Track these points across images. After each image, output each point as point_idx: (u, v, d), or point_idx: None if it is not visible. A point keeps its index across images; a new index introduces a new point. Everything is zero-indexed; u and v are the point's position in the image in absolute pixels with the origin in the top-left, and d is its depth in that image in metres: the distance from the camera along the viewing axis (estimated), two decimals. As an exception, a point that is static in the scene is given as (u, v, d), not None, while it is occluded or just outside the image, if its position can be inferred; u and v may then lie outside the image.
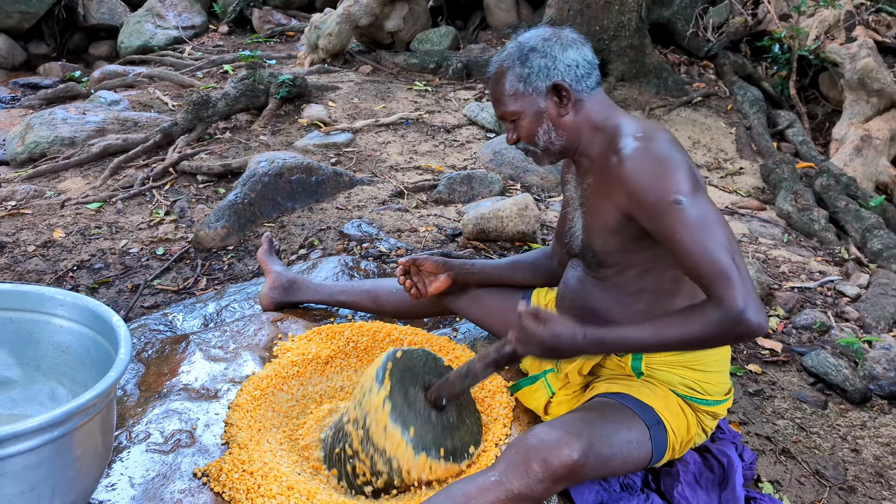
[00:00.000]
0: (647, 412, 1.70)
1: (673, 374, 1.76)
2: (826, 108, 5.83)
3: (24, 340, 1.65)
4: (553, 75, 1.68)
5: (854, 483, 2.25)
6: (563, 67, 1.69)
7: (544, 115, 1.71)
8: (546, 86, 1.69)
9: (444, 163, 4.52)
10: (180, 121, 4.59)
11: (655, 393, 1.73)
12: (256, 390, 1.96)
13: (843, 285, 3.48)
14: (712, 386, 1.77)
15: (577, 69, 1.70)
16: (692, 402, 1.76)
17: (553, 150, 1.75)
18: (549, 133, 1.72)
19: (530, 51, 1.70)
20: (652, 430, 1.68)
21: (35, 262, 3.24)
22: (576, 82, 1.70)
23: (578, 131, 1.73)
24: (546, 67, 1.68)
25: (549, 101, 1.71)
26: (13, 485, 1.26)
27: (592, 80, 1.72)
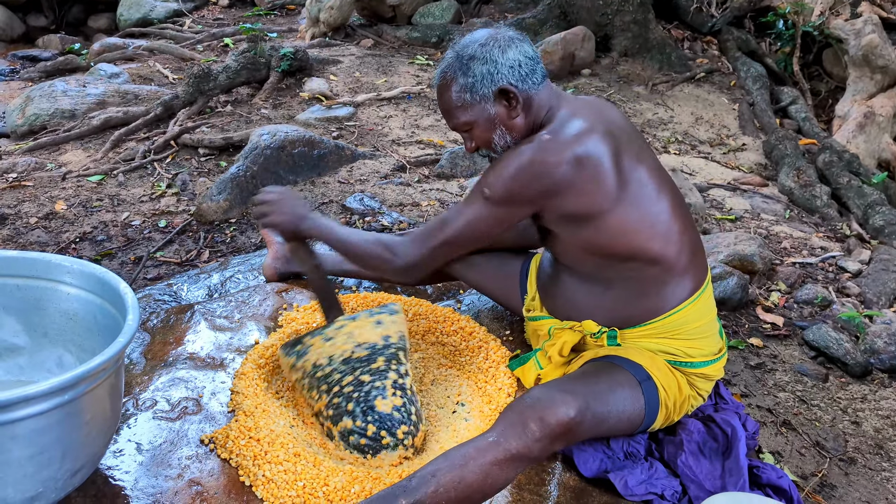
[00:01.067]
0: (635, 369, 1.72)
1: (651, 343, 1.78)
2: (829, 85, 5.80)
3: (32, 307, 1.65)
4: (497, 80, 1.68)
5: (854, 454, 2.27)
6: (506, 70, 1.68)
7: (496, 120, 1.71)
8: (492, 91, 1.68)
9: (446, 137, 4.50)
10: (181, 94, 4.57)
11: (643, 354, 1.76)
12: (262, 359, 1.97)
13: (844, 261, 3.49)
14: (696, 349, 1.79)
15: (520, 69, 1.69)
16: (677, 365, 1.78)
17: None
18: (504, 137, 1.73)
19: (470, 59, 1.69)
20: (643, 385, 1.70)
21: (37, 233, 3.23)
22: (521, 82, 1.69)
23: (530, 129, 1.73)
24: (489, 73, 1.67)
25: (498, 106, 1.70)
26: (23, 448, 1.27)
27: (538, 75, 1.72)
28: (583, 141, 1.63)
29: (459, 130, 1.77)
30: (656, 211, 1.70)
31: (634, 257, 1.71)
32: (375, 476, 1.62)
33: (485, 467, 1.45)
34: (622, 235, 1.68)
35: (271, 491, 1.58)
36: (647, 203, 1.69)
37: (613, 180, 1.65)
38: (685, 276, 1.76)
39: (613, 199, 1.65)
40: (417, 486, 1.43)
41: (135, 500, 1.52)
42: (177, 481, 1.57)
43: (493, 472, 1.45)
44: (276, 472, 1.61)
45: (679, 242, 1.73)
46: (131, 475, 1.57)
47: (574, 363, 1.86)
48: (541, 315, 1.99)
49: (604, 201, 1.65)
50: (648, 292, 1.75)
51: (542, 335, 1.96)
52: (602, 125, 1.68)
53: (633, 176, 1.68)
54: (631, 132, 1.78)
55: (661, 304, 1.76)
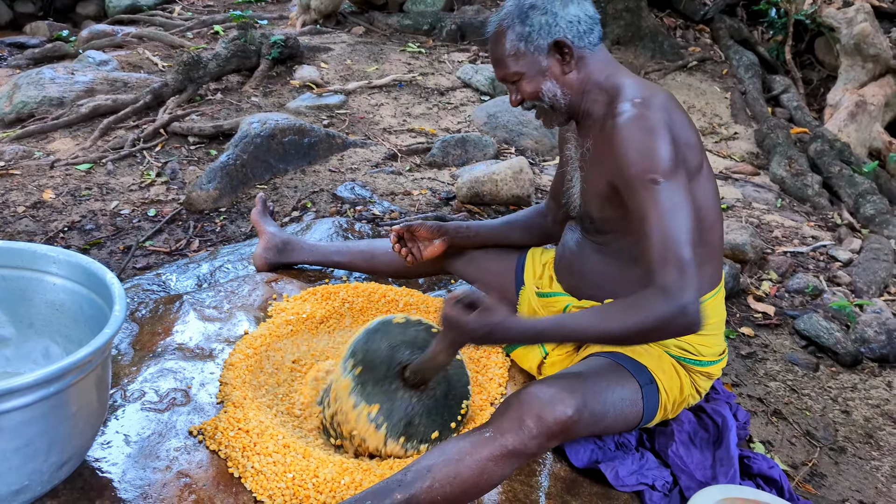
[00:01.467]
0: (640, 371, 1.70)
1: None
2: (821, 74, 5.80)
3: (17, 298, 1.63)
4: (554, 32, 1.64)
5: (844, 443, 2.27)
6: (565, 24, 1.64)
7: (547, 73, 1.67)
8: (548, 43, 1.64)
9: (437, 126, 4.48)
10: (171, 82, 4.52)
11: (649, 352, 1.73)
12: (250, 349, 1.96)
13: (835, 250, 3.50)
14: (706, 347, 1.78)
15: (578, 25, 1.65)
16: (686, 362, 1.77)
17: (560, 109, 1.72)
18: (555, 91, 1.68)
19: (530, 8, 1.65)
20: (644, 389, 1.68)
21: (25, 222, 3.20)
22: (578, 39, 1.65)
23: (583, 89, 1.69)
24: (547, 24, 1.64)
25: (551, 60, 1.66)
26: (9, 440, 1.25)
27: (594, 35, 1.68)
28: (671, 101, 1.63)
29: (507, 81, 1.71)
30: (713, 188, 1.69)
31: (696, 235, 1.67)
32: (366, 467, 1.62)
33: (480, 463, 1.44)
34: (699, 206, 1.63)
35: (260, 483, 1.57)
36: (713, 181, 1.69)
37: (699, 145, 1.63)
38: (715, 265, 1.75)
39: (700, 165, 1.64)
40: (413, 480, 1.42)
41: (122, 493, 1.50)
42: (165, 473, 1.56)
43: (488, 467, 1.44)
44: (265, 464, 1.60)
45: (718, 227, 1.73)
46: (119, 467, 1.56)
47: (581, 352, 1.84)
48: (554, 291, 1.95)
49: (698, 164, 1.63)
50: None
51: (555, 312, 1.91)
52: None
53: (704, 150, 1.68)
54: None
55: None
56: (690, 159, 1.61)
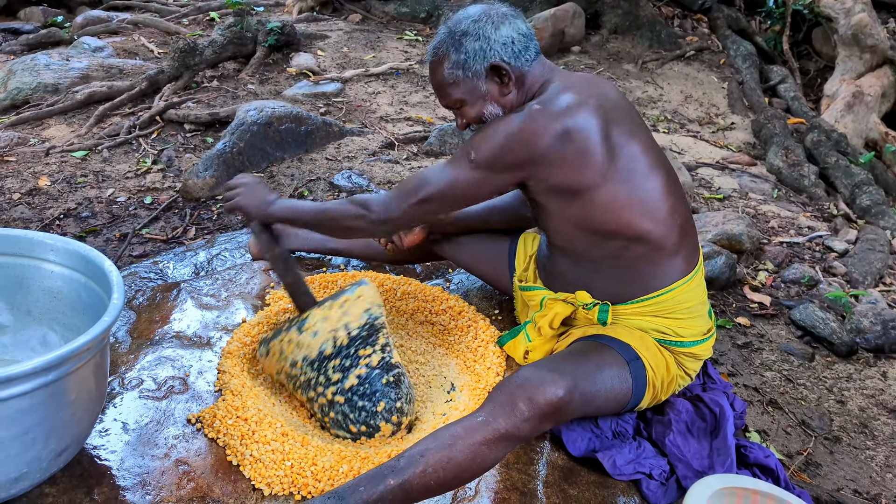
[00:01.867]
0: (624, 349, 1.72)
1: (642, 321, 1.77)
2: (818, 64, 5.80)
3: (15, 285, 1.62)
4: (490, 56, 1.67)
5: (839, 433, 2.29)
6: (499, 47, 1.67)
7: (487, 97, 1.71)
8: (484, 68, 1.68)
9: (434, 114, 4.47)
10: (166, 68, 4.50)
11: (631, 333, 1.76)
12: (248, 338, 1.95)
13: (831, 240, 3.50)
14: (686, 329, 1.79)
15: (513, 45, 1.68)
16: (666, 344, 1.78)
17: None
18: (496, 113, 1.72)
19: (462, 35, 1.68)
20: (631, 365, 1.70)
21: (20, 209, 3.19)
22: (514, 59, 1.68)
23: (524, 105, 1.71)
24: (482, 49, 1.66)
25: (490, 83, 1.70)
26: (7, 428, 1.25)
27: (531, 52, 1.71)
28: (572, 113, 1.62)
29: (451, 107, 1.76)
30: (647, 188, 1.69)
31: (623, 235, 1.70)
32: (364, 455, 1.62)
33: (473, 447, 1.45)
34: (611, 211, 1.67)
35: (259, 471, 1.57)
36: (637, 180, 1.68)
37: (602, 155, 1.63)
38: (677, 255, 1.75)
39: (602, 174, 1.64)
40: (406, 465, 1.43)
41: (121, 480, 1.50)
42: (163, 461, 1.56)
43: (481, 451, 1.45)
44: (263, 452, 1.60)
45: (670, 221, 1.72)
46: (117, 455, 1.56)
47: (563, 340, 1.85)
48: (534, 285, 1.98)
49: (592, 176, 1.64)
50: (640, 271, 1.75)
51: (534, 305, 1.95)
52: (594, 99, 1.66)
53: (623, 152, 1.66)
54: (625, 108, 1.76)
55: (653, 282, 1.75)
56: (567, 175, 1.63)
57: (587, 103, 1.64)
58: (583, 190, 1.65)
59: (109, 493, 1.47)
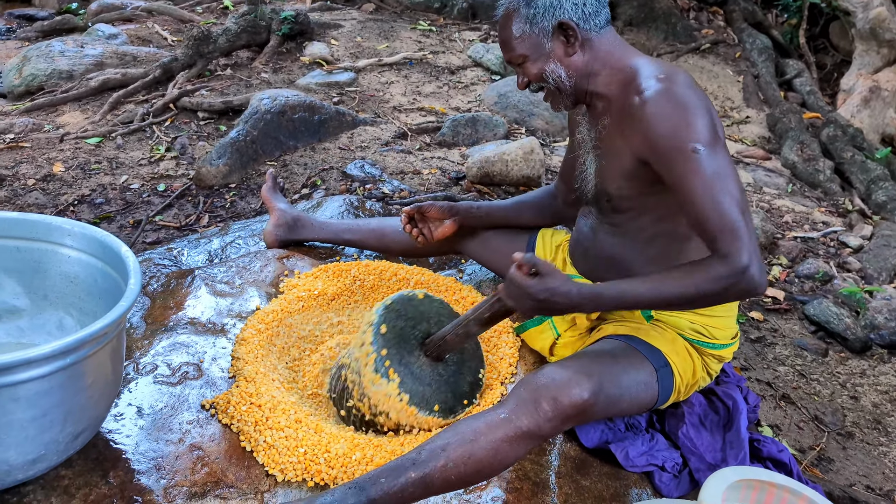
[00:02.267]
0: (654, 354, 1.70)
1: (682, 319, 1.76)
2: (835, 59, 5.75)
3: (32, 270, 1.63)
4: (559, 14, 1.63)
5: (852, 429, 2.28)
6: (570, 6, 1.64)
7: (551, 55, 1.67)
8: (552, 25, 1.64)
9: (448, 105, 4.46)
10: (180, 56, 4.51)
11: (663, 336, 1.73)
12: (262, 324, 1.96)
13: (845, 236, 3.48)
14: (720, 330, 1.77)
15: (584, 7, 1.65)
16: (699, 345, 1.76)
17: (566, 91, 1.71)
18: (558, 72, 1.67)
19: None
20: (659, 373, 1.68)
21: (35, 195, 3.20)
22: (583, 21, 1.65)
23: (589, 71, 1.68)
24: (552, 6, 1.63)
25: (555, 42, 1.66)
26: (25, 410, 1.26)
27: (601, 18, 1.67)
28: (695, 83, 1.60)
29: (514, 63, 1.71)
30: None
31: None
32: (377, 443, 1.62)
33: (495, 443, 1.44)
34: None
35: (272, 457, 1.58)
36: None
37: (721, 124, 1.60)
38: None
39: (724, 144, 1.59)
40: (427, 459, 1.43)
41: (136, 464, 1.51)
42: (178, 446, 1.57)
43: (502, 448, 1.45)
44: (277, 438, 1.61)
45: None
46: (132, 439, 1.57)
47: (594, 334, 1.84)
48: (569, 274, 1.95)
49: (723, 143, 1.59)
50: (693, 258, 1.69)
51: None
52: None
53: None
54: None
55: None
56: (720, 131, 1.59)
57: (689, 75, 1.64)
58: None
59: (124, 476, 1.48)
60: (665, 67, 1.62)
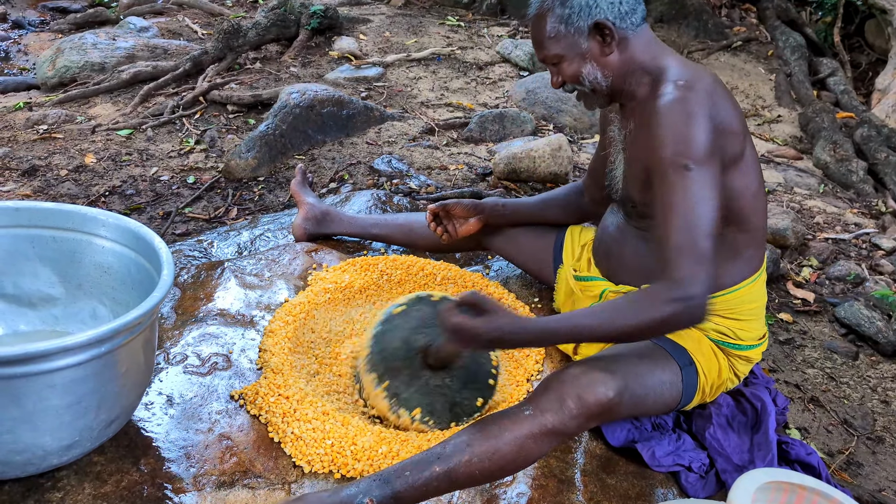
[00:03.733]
0: (679, 353, 1.69)
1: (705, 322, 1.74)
2: (870, 57, 5.65)
3: (67, 259, 1.66)
4: (595, 13, 1.62)
5: (882, 433, 2.25)
6: (606, 5, 1.62)
7: (587, 55, 1.65)
8: (588, 25, 1.62)
9: (475, 100, 4.45)
10: (210, 49, 4.54)
11: (689, 335, 1.72)
12: (290, 317, 1.97)
13: (878, 238, 3.43)
14: (746, 332, 1.76)
15: (620, 6, 1.63)
16: (724, 346, 1.75)
17: (601, 91, 1.70)
18: (595, 74, 1.66)
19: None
20: (684, 371, 1.67)
21: (67, 185, 3.25)
22: (619, 20, 1.63)
23: (625, 71, 1.67)
24: (587, 6, 1.62)
25: (592, 41, 1.64)
26: (61, 396, 1.28)
27: (637, 16, 1.65)
28: (717, 86, 1.60)
29: (548, 62, 1.70)
30: (760, 177, 1.67)
31: (736, 221, 1.66)
32: (404, 438, 1.63)
33: (520, 440, 1.45)
34: (741, 196, 1.64)
35: (300, 448, 1.60)
36: (757, 167, 1.66)
37: (743, 131, 1.61)
38: (757, 251, 1.73)
39: (742, 152, 1.61)
40: (452, 453, 1.43)
41: (166, 452, 1.53)
42: (207, 435, 1.59)
43: (527, 444, 1.45)
44: (304, 430, 1.62)
45: (763, 216, 1.70)
46: (163, 427, 1.59)
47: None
48: (592, 275, 1.95)
49: (739, 151, 1.61)
50: (721, 264, 1.67)
51: (592, 297, 1.91)
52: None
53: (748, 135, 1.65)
54: None
55: (725, 279, 1.71)
56: (731, 146, 1.59)
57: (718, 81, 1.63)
58: (733, 163, 1.61)
59: (155, 463, 1.50)
60: (690, 72, 1.61)
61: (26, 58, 5.24)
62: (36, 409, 1.26)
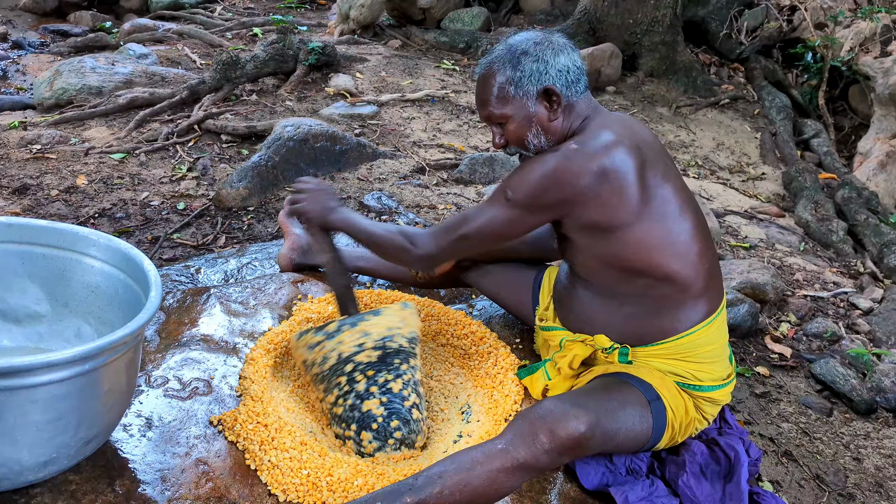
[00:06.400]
0: (646, 388, 1.73)
1: (661, 363, 1.78)
2: (853, 121, 5.80)
3: (56, 277, 1.67)
4: (544, 80, 1.70)
5: (853, 490, 2.27)
6: (555, 72, 1.70)
7: (534, 119, 1.72)
8: (537, 90, 1.70)
9: (466, 143, 4.52)
10: (208, 79, 4.60)
11: (652, 374, 1.77)
12: (271, 345, 1.99)
13: (856, 298, 3.49)
14: (705, 373, 1.80)
15: (567, 74, 1.71)
16: (685, 388, 1.79)
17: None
18: (539, 137, 1.74)
19: (522, 54, 1.71)
20: (652, 405, 1.71)
21: (57, 206, 3.26)
22: (566, 88, 1.71)
23: (564, 136, 1.75)
24: (538, 71, 1.70)
25: (539, 106, 1.72)
26: (42, 412, 1.29)
27: (581, 85, 1.75)
28: (609, 153, 1.65)
29: (493, 122, 1.77)
30: (678, 230, 1.71)
31: (651, 274, 1.71)
32: (380, 472, 1.64)
33: (491, 473, 1.46)
34: (642, 251, 1.69)
35: (276, 477, 1.60)
36: (669, 221, 1.70)
37: (637, 195, 1.66)
38: (700, 298, 1.77)
39: (635, 214, 1.66)
40: (423, 485, 1.44)
41: (142, 474, 1.53)
42: (184, 459, 1.59)
43: (499, 478, 1.46)
44: (281, 459, 1.63)
45: (697, 264, 1.73)
46: (140, 449, 1.59)
47: (583, 377, 1.86)
48: (553, 326, 2.00)
49: (626, 215, 1.66)
50: (662, 312, 1.76)
51: (554, 346, 1.97)
52: (630, 139, 1.69)
53: (657, 192, 1.69)
54: (659, 150, 1.79)
55: (674, 324, 1.76)
56: (598, 215, 1.66)
57: (624, 143, 1.67)
58: (615, 228, 1.67)
59: (130, 485, 1.50)
60: (594, 137, 1.68)
61: (24, 78, 5.29)
62: (16, 423, 1.26)
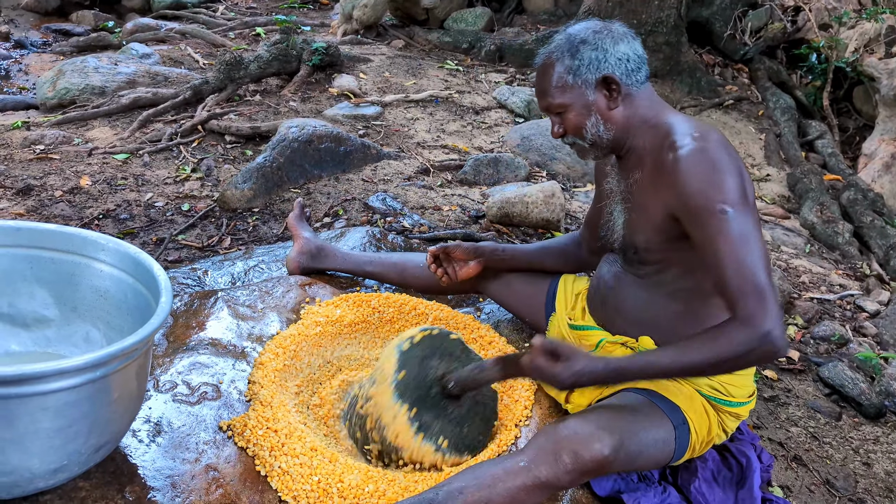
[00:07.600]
0: (674, 411, 1.70)
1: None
2: (858, 122, 5.79)
3: (64, 282, 1.66)
4: (603, 68, 1.67)
5: (864, 495, 2.25)
6: (614, 61, 1.67)
7: (592, 107, 1.69)
8: (595, 78, 1.67)
9: (471, 144, 4.51)
10: (211, 79, 4.59)
11: (682, 391, 1.73)
12: (280, 349, 1.97)
13: (862, 300, 3.48)
14: (737, 388, 1.77)
15: (627, 63, 1.68)
16: (716, 402, 1.76)
17: (601, 145, 1.73)
18: (598, 126, 1.70)
19: (581, 43, 1.68)
20: (678, 430, 1.69)
21: (61, 207, 3.25)
22: (626, 76, 1.68)
23: (627, 126, 1.71)
24: (597, 60, 1.67)
25: (598, 94, 1.69)
26: (53, 420, 1.27)
27: (642, 74, 1.71)
28: (727, 143, 1.62)
29: (551, 112, 1.73)
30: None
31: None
32: (391, 478, 1.63)
33: (512, 491, 1.45)
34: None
35: (286, 483, 1.59)
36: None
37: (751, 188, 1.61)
38: None
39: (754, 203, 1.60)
40: (444, 500, 1.43)
41: (151, 481, 1.52)
42: (194, 465, 1.58)
43: (519, 496, 1.45)
44: (292, 465, 1.61)
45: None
46: (150, 456, 1.58)
47: (611, 386, 1.83)
48: (588, 325, 1.96)
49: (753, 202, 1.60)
50: (716, 318, 1.68)
51: (588, 346, 1.92)
52: None
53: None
54: None
55: None
56: (750, 194, 1.61)
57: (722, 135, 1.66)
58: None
59: (140, 492, 1.48)
60: (699, 126, 1.64)
61: (26, 77, 5.28)
62: (27, 430, 1.25)
